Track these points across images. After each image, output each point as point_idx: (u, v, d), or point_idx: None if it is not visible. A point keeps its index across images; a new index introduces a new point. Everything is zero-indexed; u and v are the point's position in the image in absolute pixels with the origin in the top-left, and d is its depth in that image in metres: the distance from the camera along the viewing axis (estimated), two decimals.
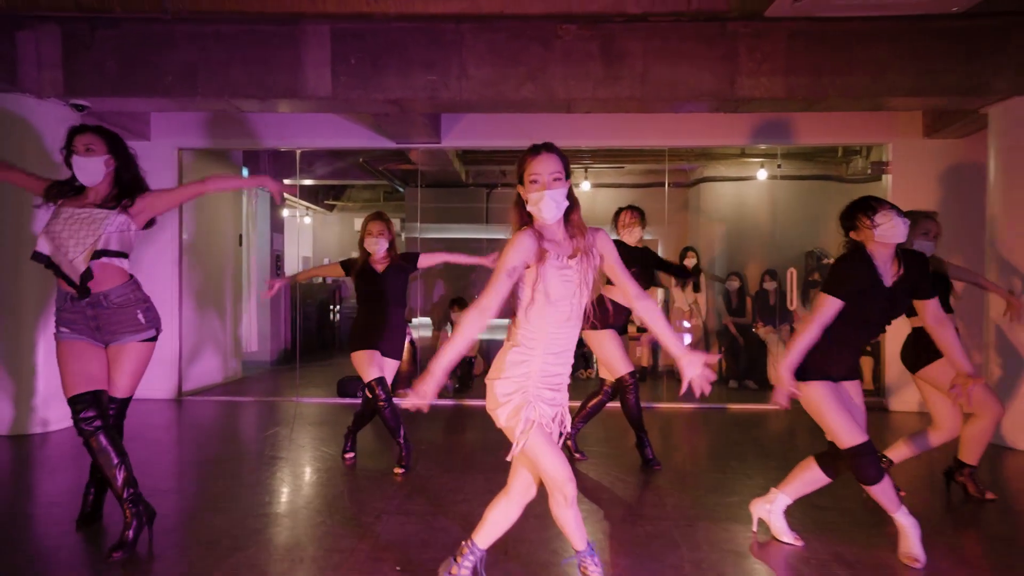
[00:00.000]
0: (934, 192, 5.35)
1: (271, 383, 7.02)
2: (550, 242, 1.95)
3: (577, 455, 3.85)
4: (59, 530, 2.70)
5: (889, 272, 2.48)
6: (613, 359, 3.66)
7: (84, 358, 2.55)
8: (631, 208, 3.95)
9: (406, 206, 8.13)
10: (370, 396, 3.59)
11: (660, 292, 7.39)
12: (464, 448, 4.37)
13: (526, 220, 2.00)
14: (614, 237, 3.76)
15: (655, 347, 7.09)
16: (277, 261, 8.61)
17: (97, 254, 2.52)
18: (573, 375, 2.16)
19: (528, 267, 1.91)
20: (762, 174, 7.11)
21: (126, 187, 2.66)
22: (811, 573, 2.37)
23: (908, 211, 2.64)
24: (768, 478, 3.23)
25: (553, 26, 4.29)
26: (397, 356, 3.79)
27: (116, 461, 2.46)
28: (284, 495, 3.23)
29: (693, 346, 7.03)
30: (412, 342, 6.41)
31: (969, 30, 4.10)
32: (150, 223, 2.75)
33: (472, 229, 8.02)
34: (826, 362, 2.46)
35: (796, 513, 2.74)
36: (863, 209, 2.48)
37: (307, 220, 11.12)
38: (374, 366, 3.57)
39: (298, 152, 6.27)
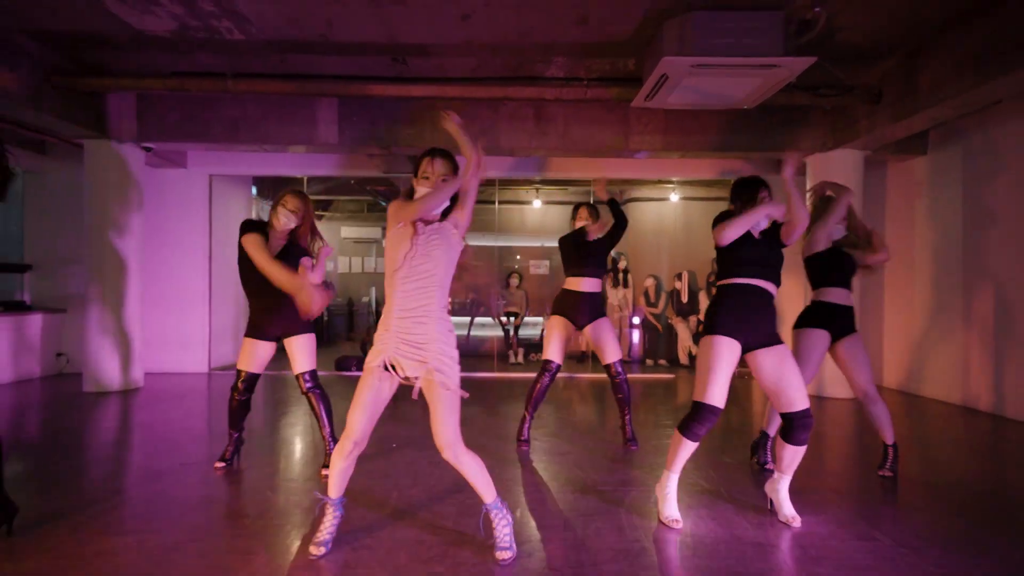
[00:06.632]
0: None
1: (277, 362, 8.57)
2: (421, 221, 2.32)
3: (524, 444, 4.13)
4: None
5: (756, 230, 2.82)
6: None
7: None
8: (582, 204, 4.50)
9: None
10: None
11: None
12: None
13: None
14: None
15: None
16: None
17: None
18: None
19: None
20: (674, 196, 8.94)
21: None
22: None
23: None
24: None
25: (499, 100, 5.98)
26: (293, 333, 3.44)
27: None
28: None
29: (621, 331, 8.80)
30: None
31: (786, 108, 5.91)
32: None
33: None
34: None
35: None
36: (736, 197, 2.93)
37: None
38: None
39: (305, 178, 7.87)
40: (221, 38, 4.69)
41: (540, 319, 9.54)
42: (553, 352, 4.12)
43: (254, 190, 8.97)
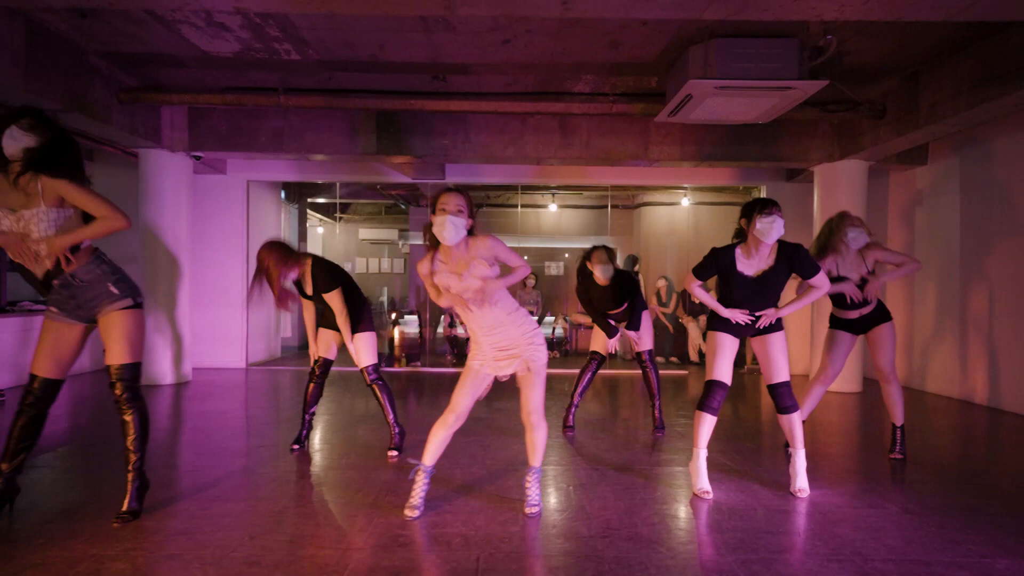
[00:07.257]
0: (793, 219, 7.59)
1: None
2: (444, 262, 2.66)
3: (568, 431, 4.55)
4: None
5: (757, 265, 3.13)
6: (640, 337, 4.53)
7: (60, 340, 2.64)
8: (599, 248, 4.46)
9: (410, 219, 10.19)
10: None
11: None
12: None
13: (432, 240, 2.66)
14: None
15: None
16: None
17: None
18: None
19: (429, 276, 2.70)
20: (685, 201, 9.36)
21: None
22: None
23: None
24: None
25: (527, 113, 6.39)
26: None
27: (27, 443, 2.64)
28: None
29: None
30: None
31: (798, 120, 6.33)
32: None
33: None
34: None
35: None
36: (749, 211, 3.12)
37: (319, 230, 13.06)
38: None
39: (337, 184, 8.28)
40: (279, 59, 5.09)
41: (550, 319, 9.95)
42: (598, 344, 4.66)
43: (283, 194, 9.38)
